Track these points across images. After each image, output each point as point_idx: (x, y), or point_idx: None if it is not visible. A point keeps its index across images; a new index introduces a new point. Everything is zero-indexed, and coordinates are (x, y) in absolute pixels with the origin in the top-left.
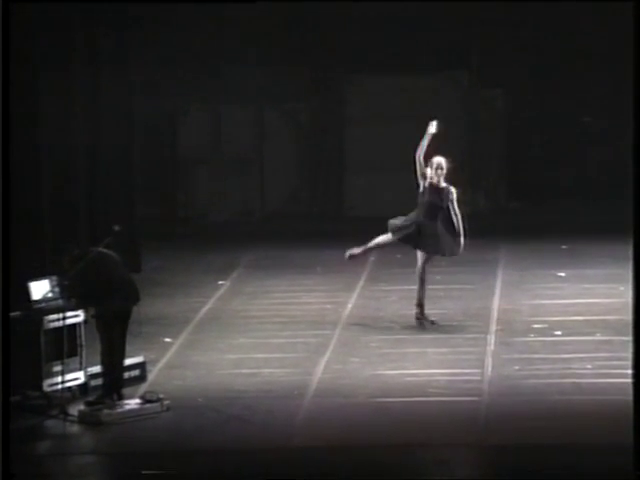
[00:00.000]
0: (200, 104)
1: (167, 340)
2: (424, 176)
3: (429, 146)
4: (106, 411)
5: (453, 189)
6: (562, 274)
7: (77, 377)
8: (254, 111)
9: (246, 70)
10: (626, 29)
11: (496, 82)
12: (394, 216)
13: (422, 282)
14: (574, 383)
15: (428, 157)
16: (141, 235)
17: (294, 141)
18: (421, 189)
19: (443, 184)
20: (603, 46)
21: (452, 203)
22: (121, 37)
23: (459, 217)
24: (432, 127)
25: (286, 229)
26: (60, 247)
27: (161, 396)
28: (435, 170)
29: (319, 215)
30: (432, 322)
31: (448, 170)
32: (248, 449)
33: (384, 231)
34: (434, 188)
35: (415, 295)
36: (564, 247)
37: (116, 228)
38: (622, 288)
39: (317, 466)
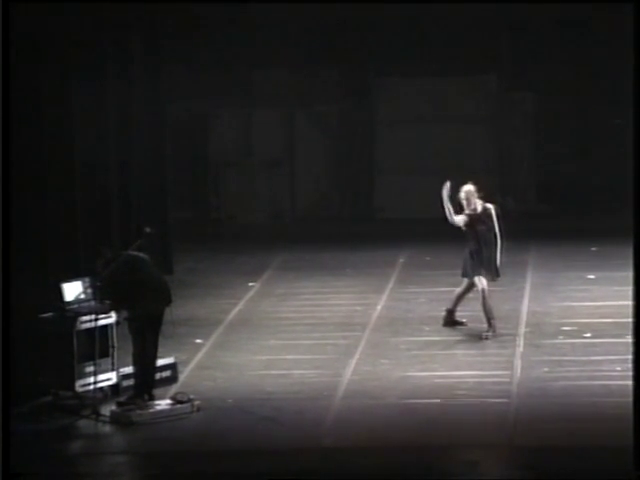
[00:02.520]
0: (231, 107)
1: (198, 341)
2: (463, 209)
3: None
4: (137, 411)
5: (490, 205)
6: (592, 276)
7: (109, 378)
8: (285, 114)
9: (277, 73)
10: None
11: (525, 85)
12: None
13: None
14: (603, 385)
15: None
16: (173, 237)
17: (325, 144)
18: (462, 223)
19: (479, 206)
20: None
21: (494, 221)
22: (153, 41)
23: (498, 237)
24: (445, 189)
25: (316, 231)
26: (93, 249)
27: (192, 397)
28: (467, 201)
29: (349, 217)
30: (462, 323)
31: (479, 182)
32: (277, 450)
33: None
34: (474, 217)
35: (451, 298)
36: (593, 249)
37: (147, 230)
38: None
39: (346, 467)
